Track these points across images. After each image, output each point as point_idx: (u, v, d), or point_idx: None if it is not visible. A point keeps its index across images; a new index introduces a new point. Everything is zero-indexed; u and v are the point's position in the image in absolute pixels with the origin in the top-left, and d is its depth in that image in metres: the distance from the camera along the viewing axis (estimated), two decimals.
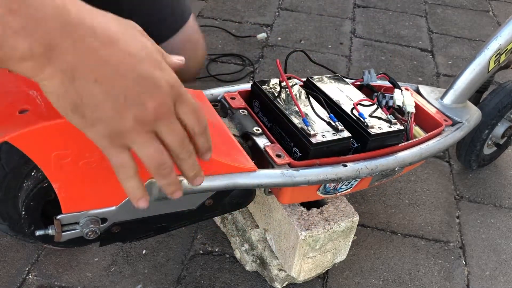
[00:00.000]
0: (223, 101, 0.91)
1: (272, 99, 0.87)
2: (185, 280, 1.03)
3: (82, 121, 0.47)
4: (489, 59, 1.06)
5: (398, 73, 1.80)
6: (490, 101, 1.24)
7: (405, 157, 0.88)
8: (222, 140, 0.77)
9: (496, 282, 1.11)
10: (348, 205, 0.94)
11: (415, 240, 1.18)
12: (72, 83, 0.44)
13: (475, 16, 2.27)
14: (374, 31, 2.06)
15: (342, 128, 0.83)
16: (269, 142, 0.82)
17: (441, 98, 1.08)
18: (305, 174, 0.77)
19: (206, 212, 0.79)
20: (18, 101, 0.58)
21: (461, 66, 1.87)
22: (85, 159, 0.59)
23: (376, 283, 1.07)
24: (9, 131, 0.54)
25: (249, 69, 1.72)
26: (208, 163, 0.69)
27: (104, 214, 0.67)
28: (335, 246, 0.95)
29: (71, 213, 0.64)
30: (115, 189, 0.65)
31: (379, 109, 0.90)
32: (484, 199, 1.32)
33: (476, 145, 1.29)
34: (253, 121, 0.86)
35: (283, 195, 0.85)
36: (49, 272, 1.01)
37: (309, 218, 0.90)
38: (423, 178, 1.36)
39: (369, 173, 0.83)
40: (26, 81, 0.62)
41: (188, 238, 1.12)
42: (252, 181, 0.73)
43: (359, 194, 1.28)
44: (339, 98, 0.92)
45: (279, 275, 0.99)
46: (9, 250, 1.05)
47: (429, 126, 0.99)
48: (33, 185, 0.61)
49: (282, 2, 2.19)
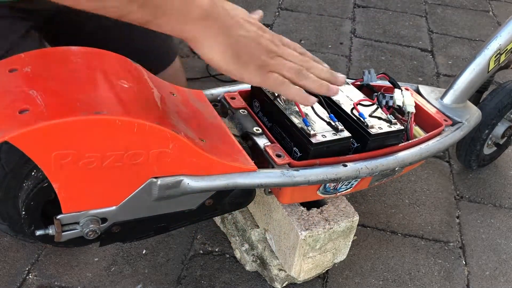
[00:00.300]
0: (223, 101, 0.91)
1: (272, 99, 0.87)
2: (185, 280, 1.03)
3: (239, 66, 0.69)
4: (489, 59, 1.06)
5: (398, 73, 1.80)
6: (490, 100, 1.24)
7: (405, 157, 0.88)
8: (223, 140, 0.77)
9: (496, 282, 1.11)
10: (348, 205, 0.94)
11: (415, 240, 1.18)
12: (229, 38, 0.67)
13: (475, 16, 2.27)
14: (374, 31, 2.06)
15: (342, 128, 0.83)
16: (269, 142, 0.82)
17: (441, 98, 1.07)
18: (305, 174, 0.77)
19: (206, 212, 0.79)
20: (18, 101, 0.58)
21: (461, 66, 1.87)
22: (85, 159, 0.60)
23: (376, 283, 1.07)
24: (9, 131, 0.55)
25: None
26: (208, 163, 0.69)
27: (104, 214, 0.67)
28: (335, 246, 0.95)
29: (71, 213, 0.64)
30: (115, 189, 0.65)
31: (379, 109, 0.90)
32: (484, 199, 1.32)
33: (476, 145, 1.29)
34: (253, 121, 0.86)
35: (283, 195, 0.85)
36: (49, 272, 1.01)
37: (309, 218, 0.90)
38: (423, 178, 1.36)
39: (369, 173, 0.83)
40: (26, 81, 0.62)
41: (188, 238, 1.12)
42: (252, 181, 0.73)
43: (359, 194, 1.28)
44: (339, 98, 0.92)
45: (279, 275, 0.99)
46: (9, 250, 1.05)
47: (429, 126, 0.99)
48: (33, 185, 0.61)
49: (282, 2, 2.19)
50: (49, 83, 0.62)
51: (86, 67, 0.68)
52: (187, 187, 0.69)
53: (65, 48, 0.70)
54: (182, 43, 1.82)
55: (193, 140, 0.68)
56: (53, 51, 0.70)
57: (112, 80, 0.67)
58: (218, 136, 0.77)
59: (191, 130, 0.72)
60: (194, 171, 0.69)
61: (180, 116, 0.73)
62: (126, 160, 0.63)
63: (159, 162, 0.65)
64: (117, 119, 0.59)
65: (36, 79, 0.63)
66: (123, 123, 0.60)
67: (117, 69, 0.71)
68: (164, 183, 0.68)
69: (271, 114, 0.88)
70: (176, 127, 0.66)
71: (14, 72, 0.64)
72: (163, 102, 0.71)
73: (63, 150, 0.58)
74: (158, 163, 0.65)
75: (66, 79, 0.64)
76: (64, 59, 0.68)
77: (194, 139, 0.69)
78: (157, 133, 0.63)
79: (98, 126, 0.59)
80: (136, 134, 0.61)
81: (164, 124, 0.64)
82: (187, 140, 0.66)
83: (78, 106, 0.59)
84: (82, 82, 0.64)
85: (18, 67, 0.65)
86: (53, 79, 0.63)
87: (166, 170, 0.67)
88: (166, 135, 0.64)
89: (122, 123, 0.60)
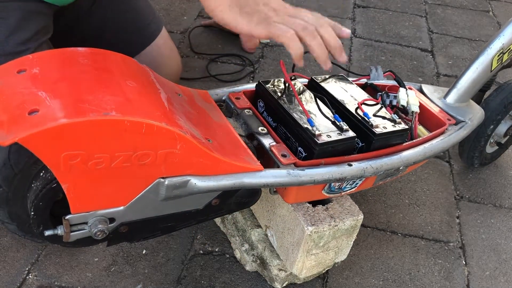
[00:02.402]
0: (228, 101, 0.91)
1: (276, 99, 0.88)
2: (185, 280, 1.03)
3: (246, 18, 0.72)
4: (492, 58, 1.07)
5: (398, 73, 1.80)
6: (496, 96, 1.24)
7: (409, 156, 0.88)
8: (228, 140, 0.77)
9: (496, 282, 1.11)
10: (353, 204, 0.94)
11: (415, 240, 1.19)
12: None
13: (475, 16, 2.27)
14: (374, 31, 2.06)
15: (346, 128, 0.83)
16: (274, 142, 0.82)
17: (444, 97, 1.08)
18: (311, 173, 0.78)
19: (212, 211, 0.79)
20: (27, 102, 0.58)
21: (461, 66, 1.88)
22: (94, 159, 0.60)
23: (376, 283, 1.07)
24: (19, 132, 0.55)
25: (249, 69, 1.72)
26: (215, 163, 0.70)
27: (112, 214, 0.67)
28: (338, 245, 0.95)
29: (80, 213, 0.64)
30: (123, 189, 0.65)
31: (383, 109, 0.91)
32: (484, 199, 1.33)
33: (481, 141, 1.29)
34: (258, 121, 0.87)
35: (288, 194, 0.85)
36: (49, 272, 1.01)
37: (315, 214, 0.90)
38: (423, 178, 1.36)
39: (374, 172, 0.83)
40: (35, 82, 0.62)
41: (188, 238, 1.12)
42: (259, 180, 0.74)
43: (359, 194, 1.28)
44: (343, 97, 0.92)
45: (279, 275, 0.99)
46: (9, 250, 1.04)
47: (433, 125, 1.00)
48: (42, 185, 0.62)
49: None
50: (57, 84, 0.62)
51: (93, 68, 0.68)
52: (194, 187, 0.69)
53: (72, 49, 0.71)
54: (182, 43, 1.81)
55: (200, 140, 0.68)
56: (61, 52, 0.70)
57: (119, 80, 0.67)
58: (224, 136, 0.77)
59: (198, 130, 0.72)
60: (201, 171, 0.70)
61: (187, 117, 0.73)
62: (135, 161, 0.63)
63: (167, 163, 0.66)
64: (126, 119, 0.60)
65: (45, 80, 0.63)
66: (131, 124, 0.60)
67: (124, 70, 0.71)
68: (172, 183, 0.68)
69: (276, 114, 0.88)
70: (183, 127, 0.67)
71: (22, 74, 0.64)
72: (170, 102, 0.72)
73: (72, 151, 0.58)
74: (166, 163, 0.66)
75: (74, 80, 0.64)
76: (71, 60, 0.68)
77: (201, 139, 0.70)
78: (165, 133, 0.63)
79: (107, 126, 0.59)
80: (145, 134, 0.61)
81: (172, 125, 0.64)
82: (194, 140, 0.66)
83: (86, 107, 0.59)
84: (90, 83, 0.64)
85: (26, 68, 0.65)
86: (61, 80, 0.63)
87: (174, 170, 0.67)
88: (173, 135, 0.64)
89: (130, 124, 0.60)
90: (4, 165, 0.64)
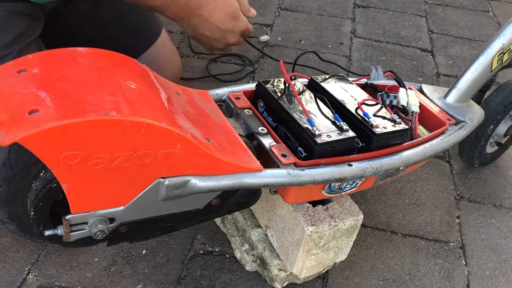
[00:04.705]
0: (228, 101, 0.91)
1: (276, 99, 0.88)
2: (185, 280, 1.03)
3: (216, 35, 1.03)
4: (492, 58, 1.06)
5: (398, 73, 1.80)
6: (496, 96, 1.24)
7: (409, 156, 0.88)
8: (228, 140, 0.77)
9: (496, 282, 1.11)
10: (353, 204, 0.94)
11: (415, 240, 1.19)
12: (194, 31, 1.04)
13: (475, 16, 2.27)
14: (374, 31, 2.06)
15: (347, 128, 0.83)
16: (274, 142, 0.82)
17: (444, 97, 1.08)
18: (311, 173, 0.78)
19: (212, 211, 0.79)
20: (27, 102, 0.58)
21: (461, 66, 1.88)
22: (94, 159, 0.60)
23: (376, 283, 1.07)
24: (19, 132, 0.55)
25: (249, 69, 1.72)
26: (215, 163, 0.70)
27: (112, 214, 0.67)
28: (338, 245, 0.95)
29: (80, 213, 0.64)
30: (123, 189, 0.65)
31: (383, 109, 0.91)
32: (484, 199, 1.33)
33: (481, 141, 1.29)
34: (258, 121, 0.87)
35: (288, 194, 0.85)
36: (49, 272, 1.01)
37: (315, 214, 0.90)
38: (423, 178, 1.36)
39: (374, 172, 0.83)
40: (35, 82, 0.62)
41: (188, 238, 1.12)
42: (259, 180, 0.74)
43: (359, 194, 1.28)
44: (343, 97, 0.92)
45: (279, 275, 0.99)
46: (9, 250, 1.04)
47: (433, 125, 1.00)
48: (42, 185, 0.62)
49: (282, 2, 2.19)
50: (57, 84, 0.62)
51: (93, 68, 0.68)
52: (194, 187, 0.69)
53: (72, 49, 0.70)
54: (182, 43, 1.81)
55: (200, 140, 0.68)
56: (61, 52, 0.70)
57: (119, 81, 0.67)
58: (224, 136, 0.77)
59: (198, 130, 0.72)
60: (201, 171, 0.70)
61: (187, 116, 0.73)
62: (134, 161, 0.63)
63: (167, 163, 0.66)
64: (126, 119, 0.60)
65: (45, 80, 0.63)
66: (131, 124, 0.60)
67: (124, 70, 0.71)
68: (172, 183, 0.68)
69: (276, 114, 0.88)
70: (183, 127, 0.67)
71: (22, 73, 0.64)
72: (170, 102, 0.72)
73: (72, 151, 0.58)
74: (166, 163, 0.66)
75: (74, 80, 0.64)
76: (71, 60, 0.68)
77: (201, 139, 0.70)
78: (165, 133, 0.63)
79: (107, 126, 0.59)
80: (145, 134, 0.61)
81: (172, 125, 0.64)
82: (194, 140, 0.66)
83: (86, 107, 0.59)
84: (90, 83, 0.64)
85: (26, 68, 0.65)
86: (62, 80, 0.63)
87: (174, 170, 0.67)
88: (173, 135, 0.64)
89: (130, 124, 0.60)
90: (4, 165, 0.64)
